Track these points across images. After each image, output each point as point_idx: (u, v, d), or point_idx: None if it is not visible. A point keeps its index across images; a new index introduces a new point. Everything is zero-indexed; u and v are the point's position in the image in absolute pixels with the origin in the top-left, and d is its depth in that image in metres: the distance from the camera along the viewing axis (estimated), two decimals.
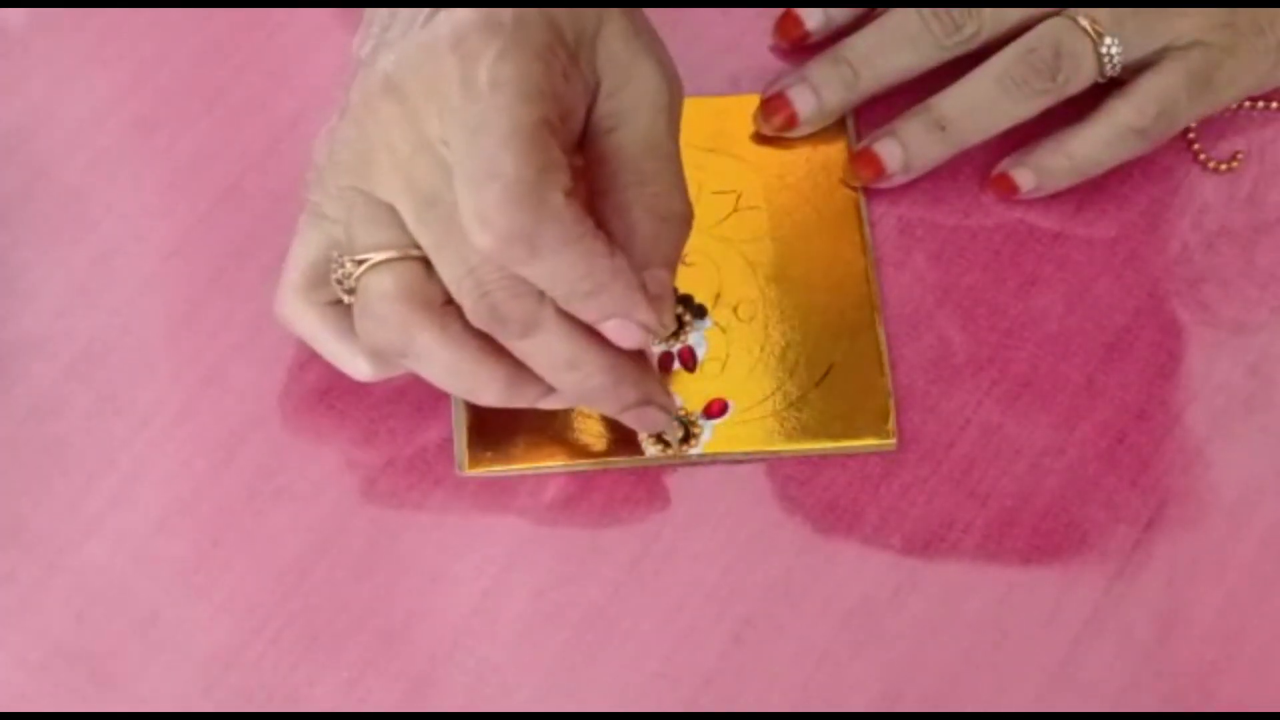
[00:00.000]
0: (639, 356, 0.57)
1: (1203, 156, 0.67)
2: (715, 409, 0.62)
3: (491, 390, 0.57)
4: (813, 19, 0.68)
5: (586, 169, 0.56)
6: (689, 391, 0.62)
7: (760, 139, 0.66)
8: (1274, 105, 0.68)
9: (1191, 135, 0.67)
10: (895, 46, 0.65)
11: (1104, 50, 0.64)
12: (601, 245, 0.53)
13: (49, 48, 0.68)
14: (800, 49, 0.68)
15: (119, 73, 0.68)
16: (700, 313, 0.64)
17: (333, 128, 0.57)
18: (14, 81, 0.68)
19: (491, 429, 0.62)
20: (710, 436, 0.62)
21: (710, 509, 0.61)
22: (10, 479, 0.61)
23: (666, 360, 0.63)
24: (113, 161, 0.66)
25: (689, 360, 0.63)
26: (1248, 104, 0.68)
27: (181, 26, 0.69)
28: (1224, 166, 0.67)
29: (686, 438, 0.62)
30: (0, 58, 0.68)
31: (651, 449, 0.61)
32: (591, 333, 0.55)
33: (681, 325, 0.63)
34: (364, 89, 0.55)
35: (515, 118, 0.52)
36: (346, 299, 0.57)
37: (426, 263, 0.55)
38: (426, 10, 0.55)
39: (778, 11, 0.68)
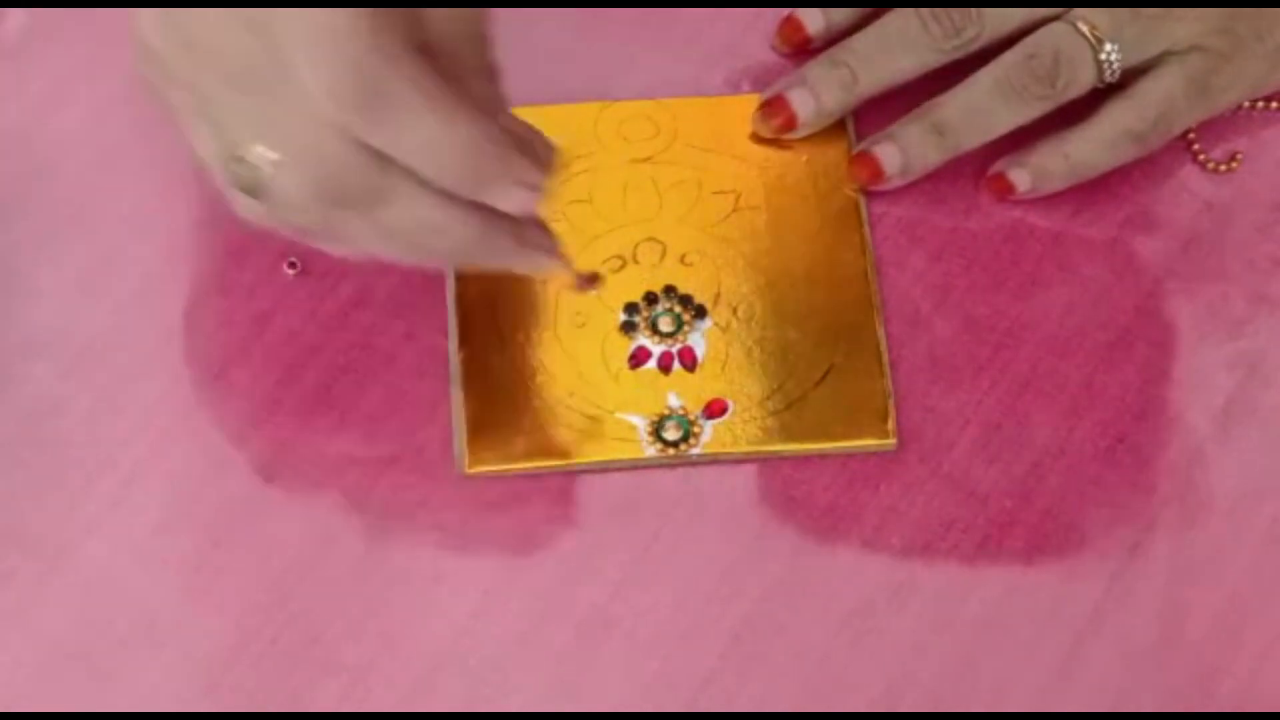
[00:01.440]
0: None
1: (1202, 157, 0.67)
2: (715, 409, 0.62)
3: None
4: (814, 23, 0.68)
5: None
6: (689, 391, 0.62)
7: (760, 139, 0.66)
8: (1274, 105, 0.68)
9: (1191, 136, 0.67)
10: (894, 49, 0.65)
11: (1103, 56, 0.64)
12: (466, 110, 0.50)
13: (49, 48, 0.68)
14: (802, 53, 0.68)
15: (119, 73, 0.68)
16: (700, 313, 0.64)
17: None
18: (14, 82, 0.68)
19: (491, 429, 0.62)
20: (710, 436, 0.62)
21: (710, 509, 0.61)
22: (10, 479, 0.61)
23: (666, 360, 0.63)
24: (113, 161, 0.66)
25: (689, 360, 0.63)
26: (1247, 104, 0.68)
27: None
28: (1223, 167, 0.67)
29: (686, 438, 0.62)
30: (0, 59, 0.68)
31: (651, 449, 0.61)
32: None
33: (681, 325, 0.63)
34: None
35: None
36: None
37: None
38: None
39: (777, 11, 0.68)
